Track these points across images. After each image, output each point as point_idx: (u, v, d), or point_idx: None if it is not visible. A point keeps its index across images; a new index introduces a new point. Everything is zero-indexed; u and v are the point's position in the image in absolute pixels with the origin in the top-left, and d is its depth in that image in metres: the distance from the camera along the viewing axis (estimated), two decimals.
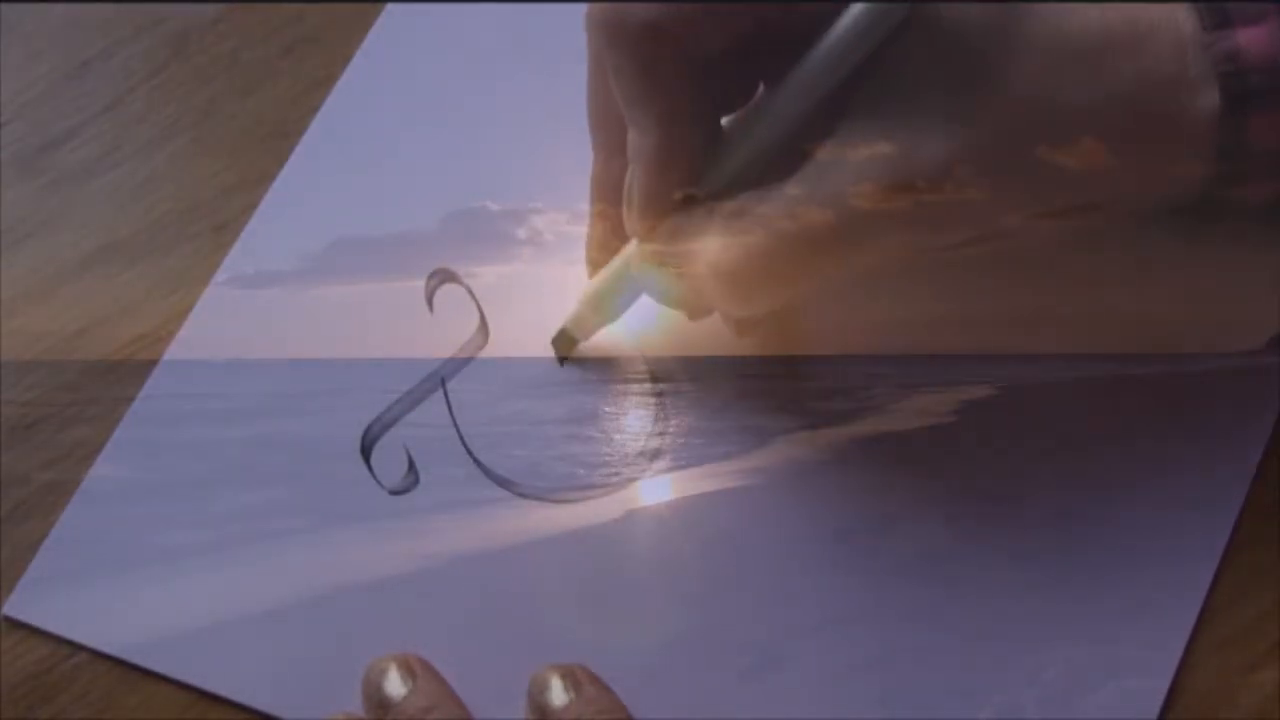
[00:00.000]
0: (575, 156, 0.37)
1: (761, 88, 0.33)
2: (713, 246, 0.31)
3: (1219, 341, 0.35)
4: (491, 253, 0.40)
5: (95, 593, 0.36)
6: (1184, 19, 0.29)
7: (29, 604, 0.36)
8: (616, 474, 0.36)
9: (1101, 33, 0.29)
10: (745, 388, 0.37)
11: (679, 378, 0.37)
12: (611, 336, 0.38)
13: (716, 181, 0.32)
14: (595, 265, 0.37)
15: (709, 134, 0.32)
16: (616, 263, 0.35)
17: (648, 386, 0.37)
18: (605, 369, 0.38)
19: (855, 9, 0.30)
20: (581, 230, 0.38)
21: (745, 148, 0.32)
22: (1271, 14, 0.29)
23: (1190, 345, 0.35)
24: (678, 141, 0.32)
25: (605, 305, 0.36)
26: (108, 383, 0.39)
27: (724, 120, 0.33)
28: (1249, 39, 0.29)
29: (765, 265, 0.31)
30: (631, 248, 0.34)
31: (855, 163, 0.30)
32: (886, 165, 0.30)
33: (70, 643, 0.35)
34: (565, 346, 0.38)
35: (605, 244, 0.37)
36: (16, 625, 0.36)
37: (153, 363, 0.39)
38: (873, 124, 0.30)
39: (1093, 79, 0.29)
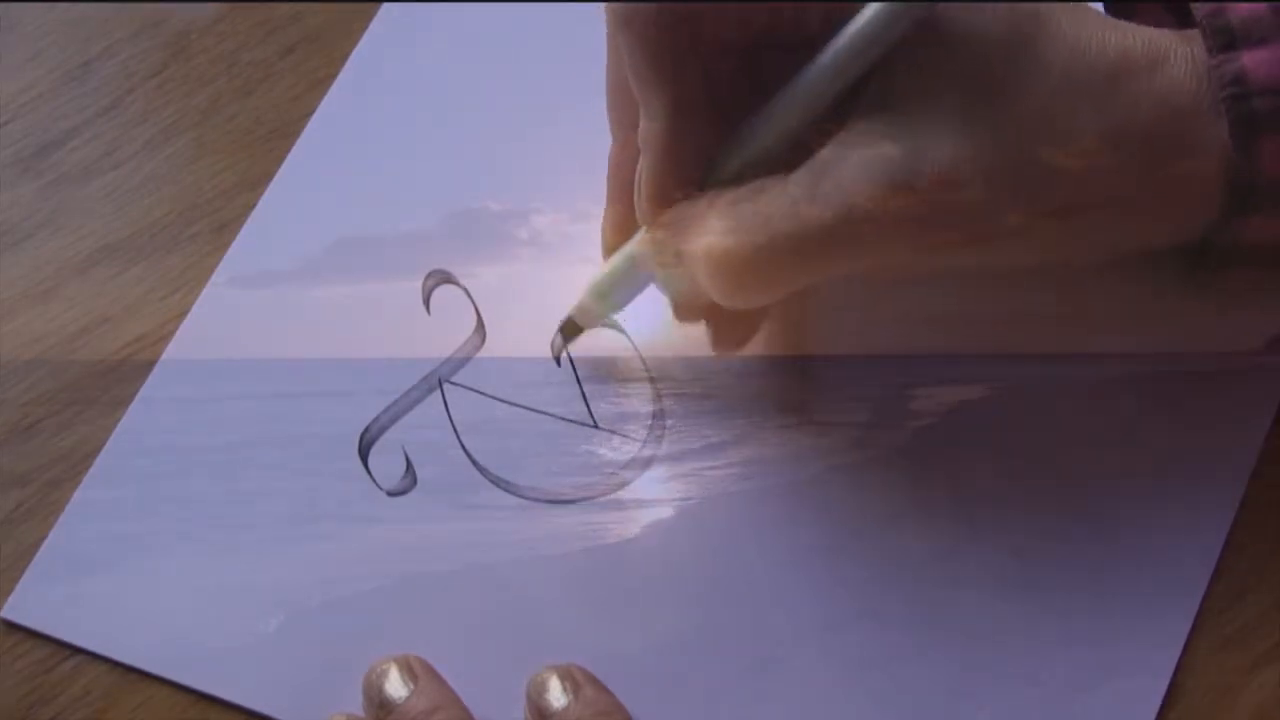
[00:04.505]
0: (576, 156, 0.37)
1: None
2: (709, 235, 0.31)
3: (1219, 341, 0.35)
4: (492, 253, 0.40)
5: (95, 594, 0.36)
6: (1199, 45, 0.29)
7: (28, 606, 0.36)
8: (615, 475, 0.36)
9: (1119, 55, 0.29)
10: (744, 388, 0.37)
11: (679, 378, 0.37)
12: (611, 336, 0.38)
13: (726, 173, 0.32)
14: (609, 248, 0.36)
15: (719, 125, 0.32)
16: (624, 251, 0.35)
17: (647, 387, 0.37)
18: (604, 369, 0.38)
19: (873, 7, 0.29)
20: (583, 230, 0.38)
21: (756, 141, 0.31)
22: (1277, 36, 0.29)
23: (1190, 345, 0.35)
24: (687, 130, 0.31)
25: (610, 293, 0.36)
26: (108, 383, 0.39)
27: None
28: (1254, 61, 0.29)
29: (757, 259, 0.30)
30: (639, 235, 0.34)
31: (856, 162, 0.29)
32: (887, 166, 0.29)
33: (70, 645, 0.35)
34: (571, 333, 0.37)
35: (620, 226, 0.36)
36: (16, 626, 0.36)
37: (153, 363, 0.39)
38: (879, 124, 0.30)
39: (1107, 103, 0.29)
